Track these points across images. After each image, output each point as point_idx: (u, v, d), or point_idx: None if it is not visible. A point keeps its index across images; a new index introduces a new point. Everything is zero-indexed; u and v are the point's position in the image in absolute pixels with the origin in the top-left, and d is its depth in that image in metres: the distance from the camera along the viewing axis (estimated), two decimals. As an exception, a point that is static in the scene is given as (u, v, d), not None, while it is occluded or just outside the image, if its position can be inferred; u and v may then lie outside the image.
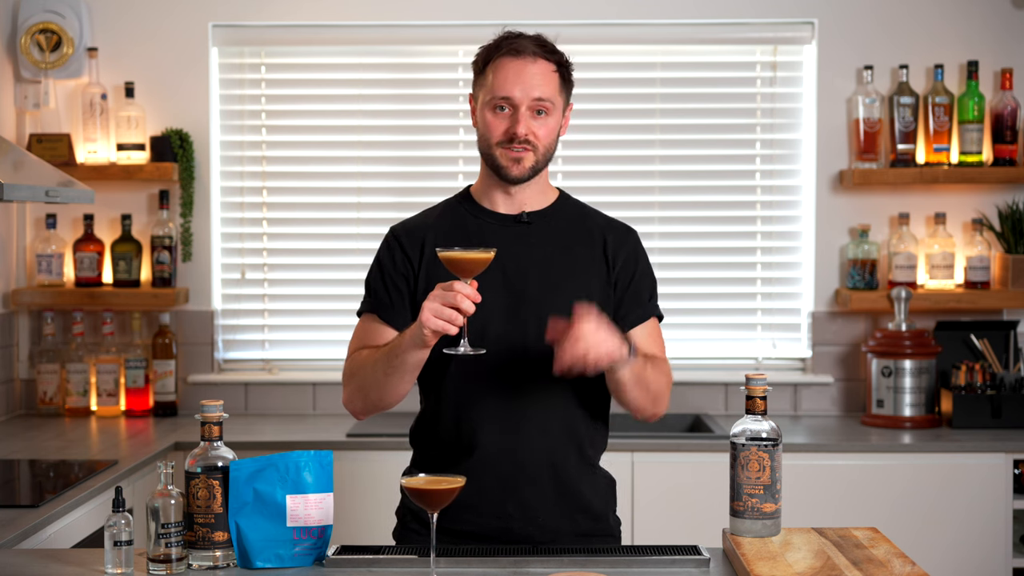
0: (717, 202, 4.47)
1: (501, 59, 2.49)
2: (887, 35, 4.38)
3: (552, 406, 2.51)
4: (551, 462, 2.51)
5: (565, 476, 2.52)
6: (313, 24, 4.43)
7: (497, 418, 2.49)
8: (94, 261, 4.36)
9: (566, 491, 2.52)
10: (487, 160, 2.54)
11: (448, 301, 2.27)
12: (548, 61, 2.50)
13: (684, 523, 3.84)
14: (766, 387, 2.32)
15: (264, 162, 4.49)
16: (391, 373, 2.42)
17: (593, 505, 2.56)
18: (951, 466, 3.88)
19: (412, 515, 2.60)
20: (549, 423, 2.50)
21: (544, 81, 2.48)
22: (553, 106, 2.50)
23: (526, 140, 2.48)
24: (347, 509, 3.80)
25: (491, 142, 2.51)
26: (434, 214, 2.63)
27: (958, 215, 4.40)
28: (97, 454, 3.66)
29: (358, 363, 2.52)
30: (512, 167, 2.50)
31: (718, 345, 4.50)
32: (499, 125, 2.49)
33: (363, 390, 2.50)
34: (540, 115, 2.49)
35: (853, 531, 2.41)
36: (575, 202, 2.66)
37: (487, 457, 2.49)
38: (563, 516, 2.52)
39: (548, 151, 2.53)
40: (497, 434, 2.49)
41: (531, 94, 2.47)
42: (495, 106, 2.49)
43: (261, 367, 4.52)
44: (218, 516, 2.23)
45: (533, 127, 2.48)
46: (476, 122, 2.56)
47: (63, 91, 4.41)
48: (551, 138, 2.52)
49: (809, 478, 3.86)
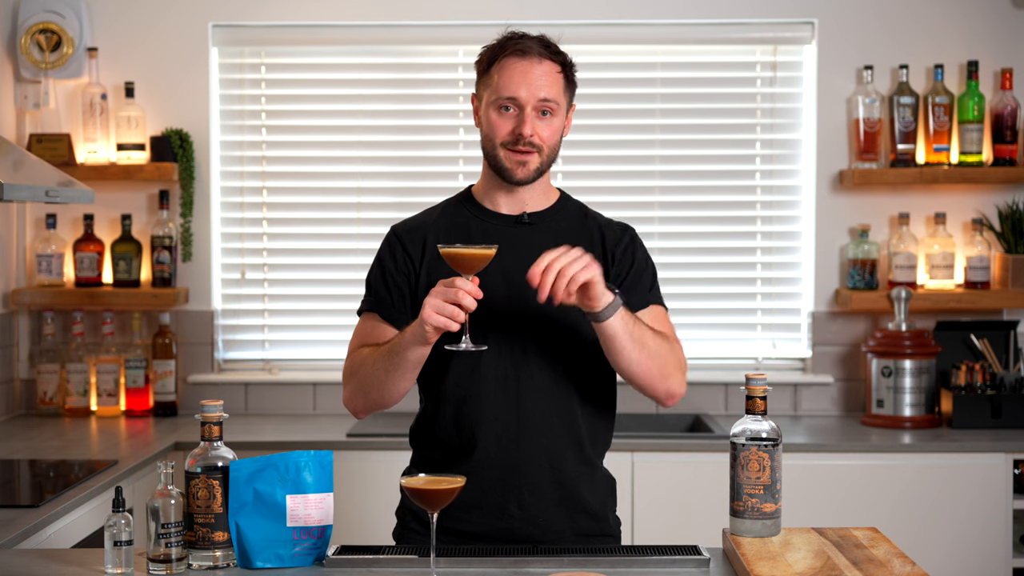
0: (717, 202, 4.47)
1: (507, 59, 2.49)
2: (887, 35, 4.39)
3: (553, 405, 2.50)
4: (551, 462, 2.51)
5: (565, 476, 2.52)
6: (313, 24, 4.43)
7: (497, 418, 2.49)
8: (94, 261, 4.36)
9: (567, 491, 2.52)
10: (491, 161, 2.54)
11: (450, 297, 2.27)
12: (553, 62, 2.50)
13: (684, 523, 3.84)
14: (766, 387, 2.32)
15: (264, 162, 4.49)
16: (392, 371, 2.42)
17: (593, 505, 2.56)
18: (951, 466, 3.88)
19: (412, 515, 2.60)
20: (550, 423, 2.50)
21: (550, 82, 2.48)
22: (558, 107, 2.50)
23: (531, 142, 2.47)
24: (347, 509, 3.80)
25: (496, 142, 2.50)
26: (435, 213, 2.63)
27: (958, 215, 4.41)
28: (97, 454, 3.66)
29: (358, 361, 2.52)
30: (517, 170, 2.50)
31: (718, 345, 4.50)
32: (504, 125, 2.49)
33: (363, 388, 2.50)
34: (545, 116, 2.49)
35: (853, 531, 2.41)
36: (576, 203, 2.66)
37: (487, 457, 2.49)
38: (564, 516, 2.52)
39: (552, 153, 2.53)
40: (497, 434, 2.49)
41: (537, 95, 2.47)
42: (500, 106, 2.49)
43: (261, 367, 4.52)
44: (218, 516, 2.23)
45: (538, 128, 2.48)
46: (479, 122, 2.55)
47: (63, 91, 4.41)
48: (555, 139, 2.52)
49: (809, 478, 3.86)
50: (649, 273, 2.61)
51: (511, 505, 2.49)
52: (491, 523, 2.50)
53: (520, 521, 2.50)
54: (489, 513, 2.50)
